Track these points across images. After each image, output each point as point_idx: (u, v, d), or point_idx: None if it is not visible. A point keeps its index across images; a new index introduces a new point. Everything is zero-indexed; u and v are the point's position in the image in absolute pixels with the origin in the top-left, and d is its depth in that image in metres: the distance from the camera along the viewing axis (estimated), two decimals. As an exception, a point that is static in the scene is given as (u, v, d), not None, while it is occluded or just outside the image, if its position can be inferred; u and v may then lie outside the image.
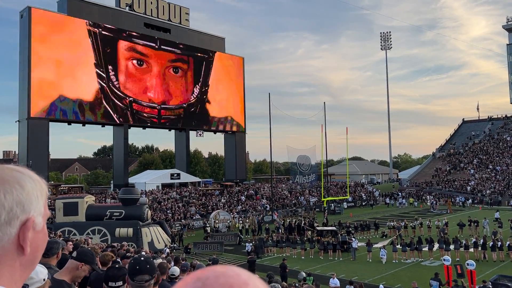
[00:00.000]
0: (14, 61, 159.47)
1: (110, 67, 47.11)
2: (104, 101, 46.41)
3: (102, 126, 48.70)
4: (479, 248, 23.86)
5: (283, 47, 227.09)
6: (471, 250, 24.26)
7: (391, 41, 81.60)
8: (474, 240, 24.73)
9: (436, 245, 24.69)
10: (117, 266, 4.80)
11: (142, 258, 3.20)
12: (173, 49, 52.82)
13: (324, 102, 48.46)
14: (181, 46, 53.42)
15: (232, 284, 0.64)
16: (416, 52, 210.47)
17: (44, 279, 2.50)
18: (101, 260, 5.60)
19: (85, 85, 45.14)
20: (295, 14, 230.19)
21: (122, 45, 48.37)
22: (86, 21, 45.32)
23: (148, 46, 50.39)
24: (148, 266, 2.99)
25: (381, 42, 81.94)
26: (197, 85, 55.31)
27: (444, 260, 19.27)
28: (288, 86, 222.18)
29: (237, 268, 0.70)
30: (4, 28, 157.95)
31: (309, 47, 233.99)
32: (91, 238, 22.07)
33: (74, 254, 3.43)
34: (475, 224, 31.42)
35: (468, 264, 18.27)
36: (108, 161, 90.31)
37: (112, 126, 49.50)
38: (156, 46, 51.02)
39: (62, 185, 49.75)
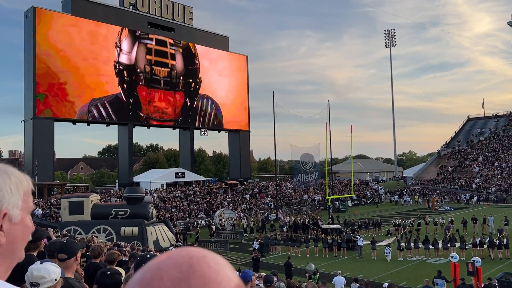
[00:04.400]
0: (18, 61, 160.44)
1: (118, 64, 47.30)
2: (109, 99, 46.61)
3: (107, 125, 48.91)
4: (485, 246, 23.77)
5: (286, 45, 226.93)
6: (477, 248, 24.16)
7: (395, 39, 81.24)
8: (479, 238, 24.64)
9: (441, 244, 24.59)
10: (108, 273, 4.79)
11: (148, 256, 3.21)
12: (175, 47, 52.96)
13: (328, 100, 48.41)
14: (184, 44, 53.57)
15: (192, 255, 0.73)
16: (420, 49, 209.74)
17: (56, 279, 2.50)
18: (107, 259, 5.63)
19: (91, 84, 45.31)
20: (297, 12, 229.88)
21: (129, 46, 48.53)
22: (93, 21, 45.49)
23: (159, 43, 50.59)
24: None
25: (385, 39, 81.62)
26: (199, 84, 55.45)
27: (452, 257, 19.20)
28: (292, 84, 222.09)
29: (204, 249, 0.78)
30: (9, 28, 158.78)
31: (312, 45, 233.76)
32: (97, 237, 22.17)
33: (62, 255, 3.41)
34: (482, 221, 31.29)
35: (474, 261, 18.20)
36: (113, 160, 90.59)
37: (116, 126, 49.68)
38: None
39: (67, 184, 49.95)
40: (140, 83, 49.35)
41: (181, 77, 53.25)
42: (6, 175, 1.02)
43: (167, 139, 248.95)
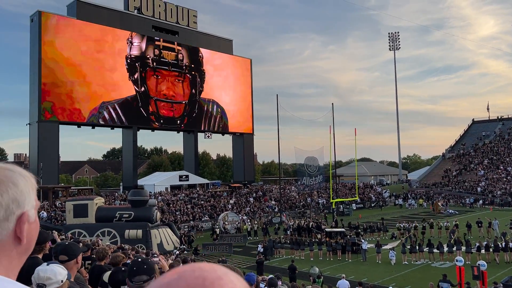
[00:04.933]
0: (23, 64, 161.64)
1: (122, 67, 47.54)
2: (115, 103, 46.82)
3: (111, 129, 49.09)
4: (490, 250, 23.62)
5: (289, 48, 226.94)
6: (482, 251, 24.01)
7: (399, 42, 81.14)
8: (485, 242, 24.48)
9: (446, 248, 24.46)
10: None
11: (140, 260, 3.25)
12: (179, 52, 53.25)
13: (332, 103, 48.32)
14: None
15: (206, 277, 0.66)
16: (424, 52, 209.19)
17: (62, 281, 2.52)
18: (112, 261, 5.66)
19: (98, 90, 45.55)
20: (301, 15, 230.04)
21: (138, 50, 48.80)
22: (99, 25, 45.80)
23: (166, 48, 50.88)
24: (145, 266, 3.04)
25: (389, 42, 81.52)
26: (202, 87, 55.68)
27: (457, 261, 19.11)
28: (295, 87, 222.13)
29: (215, 265, 0.71)
30: (14, 32, 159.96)
31: (316, 48, 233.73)
32: (101, 239, 22.22)
33: (63, 257, 3.43)
34: (487, 225, 31.12)
35: (479, 265, 18.10)
36: (117, 163, 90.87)
37: (121, 129, 49.87)
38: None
39: (72, 187, 50.12)
40: (148, 68, 49.93)
41: (187, 65, 53.79)
42: (24, 178, 1.06)
43: (171, 142, 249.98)
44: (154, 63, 50.61)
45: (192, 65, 54.44)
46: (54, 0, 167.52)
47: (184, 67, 53.55)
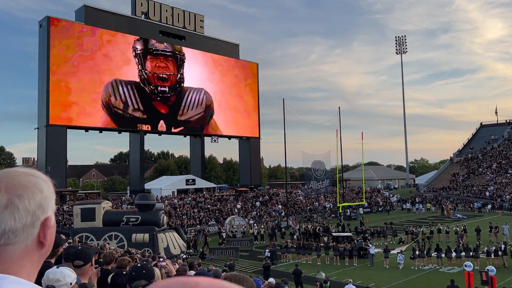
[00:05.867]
0: (31, 69, 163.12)
1: (131, 71, 47.89)
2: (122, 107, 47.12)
3: (118, 133, 49.36)
4: (500, 254, 23.36)
5: (295, 52, 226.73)
6: (492, 256, 23.76)
7: (406, 45, 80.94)
8: (494, 248, 24.22)
9: (454, 253, 24.22)
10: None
11: (139, 265, 3.28)
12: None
13: (339, 107, 48.22)
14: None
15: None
16: (431, 56, 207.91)
17: (71, 283, 2.54)
18: (118, 265, 5.69)
19: (103, 92, 45.89)
20: (307, 19, 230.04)
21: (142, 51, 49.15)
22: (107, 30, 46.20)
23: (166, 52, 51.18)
24: (144, 271, 3.06)
25: (396, 46, 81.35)
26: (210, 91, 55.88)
27: (466, 266, 18.93)
28: (302, 91, 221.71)
29: (225, 282, 0.67)
30: (23, 38, 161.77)
31: (322, 52, 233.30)
32: (108, 243, 22.30)
33: (78, 262, 3.46)
34: (496, 230, 30.79)
35: (488, 270, 17.92)
36: (125, 167, 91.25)
37: (128, 133, 50.13)
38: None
39: (79, 191, 50.41)
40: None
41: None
42: (47, 183, 1.09)
43: (178, 146, 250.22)
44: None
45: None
46: (63, 6, 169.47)
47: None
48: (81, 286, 2.90)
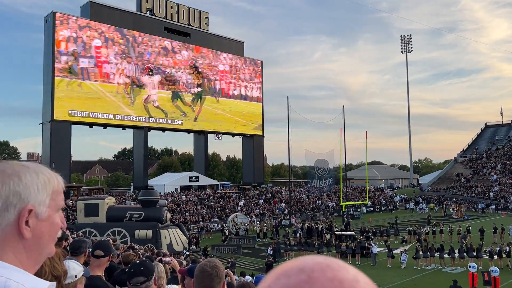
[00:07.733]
0: (37, 65, 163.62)
1: (136, 67, 47.93)
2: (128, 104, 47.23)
3: (123, 129, 49.48)
4: (503, 256, 23.25)
5: (300, 50, 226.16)
6: (495, 257, 23.65)
7: (411, 44, 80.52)
8: (498, 248, 24.10)
9: (457, 253, 24.13)
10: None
11: (138, 262, 3.30)
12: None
13: (343, 106, 48.04)
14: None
15: (342, 280, 0.56)
16: (436, 55, 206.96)
17: (76, 276, 2.54)
18: (124, 260, 5.71)
19: (108, 88, 45.98)
20: (311, 17, 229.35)
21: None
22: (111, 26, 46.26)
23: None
24: (142, 268, 3.07)
25: (401, 45, 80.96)
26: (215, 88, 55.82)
27: (470, 267, 18.86)
28: (306, 89, 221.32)
29: (339, 261, 0.62)
30: (28, 33, 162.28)
31: (326, 51, 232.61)
32: (112, 239, 22.38)
33: (99, 252, 3.51)
34: (501, 231, 30.63)
35: (492, 271, 17.85)
36: (128, 163, 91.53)
37: (132, 129, 50.25)
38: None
39: (83, 187, 50.59)
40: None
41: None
42: (35, 174, 1.08)
43: (182, 143, 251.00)
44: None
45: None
46: (68, 2, 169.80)
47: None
48: (89, 278, 2.90)
